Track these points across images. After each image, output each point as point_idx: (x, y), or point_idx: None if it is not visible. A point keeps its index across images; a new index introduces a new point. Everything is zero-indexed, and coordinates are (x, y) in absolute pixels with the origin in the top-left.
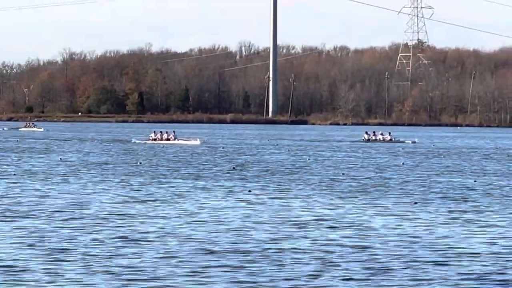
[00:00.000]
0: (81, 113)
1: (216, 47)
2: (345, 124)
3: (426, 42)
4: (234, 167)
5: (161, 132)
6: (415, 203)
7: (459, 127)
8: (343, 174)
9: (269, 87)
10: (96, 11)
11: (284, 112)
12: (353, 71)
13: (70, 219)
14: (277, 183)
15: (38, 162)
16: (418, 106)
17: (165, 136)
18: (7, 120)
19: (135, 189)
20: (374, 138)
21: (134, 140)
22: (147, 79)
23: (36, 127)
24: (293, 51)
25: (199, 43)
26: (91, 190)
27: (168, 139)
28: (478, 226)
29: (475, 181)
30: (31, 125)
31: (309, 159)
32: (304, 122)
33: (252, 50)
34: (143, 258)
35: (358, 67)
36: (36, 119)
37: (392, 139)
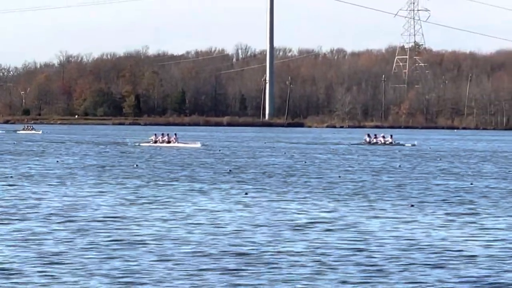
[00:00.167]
0: (77, 115)
1: (213, 49)
2: (341, 126)
3: (422, 45)
4: (230, 170)
5: (162, 134)
6: (411, 206)
7: (455, 130)
8: (339, 177)
9: (265, 90)
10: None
11: (280, 114)
12: (349, 73)
13: (66, 221)
14: (273, 186)
15: (35, 165)
16: (414, 108)
17: (165, 138)
18: (4, 123)
19: (132, 191)
20: (375, 140)
21: (133, 143)
22: (144, 82)
23: (35, 130)
24: (289, 54)
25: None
26: (87, 193)
27: (169, 142)
28: (474, 228)
29: (472, 183)
30: (30, 127)
31: (305, 162)
32: (300, 125)
33: (249, 53)
34: (139, 261)
35: (355, 69)
36: (33, 122)
37: (392, 142)
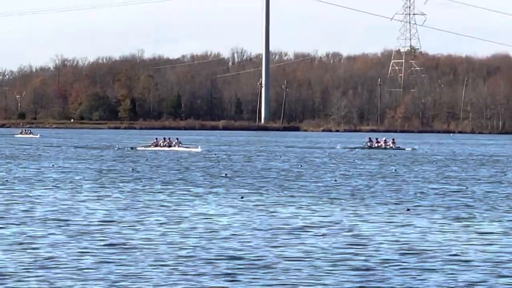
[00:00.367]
0: (73, 119)
1: (209, 53)
2: (337, 130)
3: (418, 49)
4: (226, 174)
5: (164, 138)
6: (407, 210)
7: (451, 134)
8: (335, 181)
9: (261, 94)
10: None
11: (276, 118)
12: (345, 77)
13: (60, 226)
14: (269, 190)
15: (30, 169)
16: (410, 112)
17: (167, 143)
18: (0, 127)
19: (127, 196)
20: (377, 144)
21: (131, 147)
22: (140, 86)
23: (32, 134)
24: (285, 58)
25: (192, 50)
26: (83, 197)
27: (169, 146)
28: (470, 232)
29: (467, 187)
30: (28, 131)
31: (301, 165)
32: (296, 129)
33: (245, 57)
34: (134, 266)
35: (351, 73)
36: (28, 126)
37: (393, 146)
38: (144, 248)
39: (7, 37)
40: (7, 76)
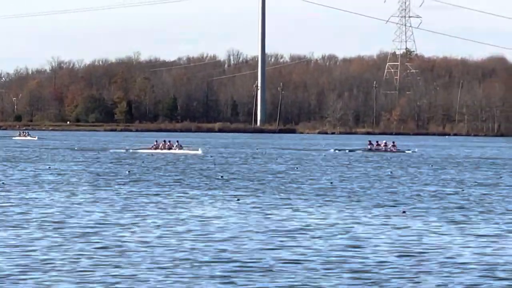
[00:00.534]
0: (69, 121)
1: (205, 56)
2: (333, 133)
3: (414, 51)
4: (222, 176)
5: (164, 141)
6: (403, 212)
7: (447, 136)
8: (331, 183)
9: (257, 96)
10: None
11: (272, 121)
12: (341, 80)
13: (57, 228)
14: (265, 192)
15: (27, 171)
16: (406, 115)
17: (167, 145)
18: None
19: (123, 198)
20: (378, 147)
21: (129, 149)
22: (136, 88)
23: (30, 136)
24: (281, 60)
25: (188, 52)
26: (80, 199)
27: (170, 148)
28: (466, 235)
29: (463, 190)
30: (25, 134)
31: (297, 167)
32: (292, 131)
33: (241, 59)
34: (130, 268)
35: (346, 76)
36: (24, 128)
37: (393, 150)
38: (140, 250)
39: (3, 39)
40: (3, 78)
